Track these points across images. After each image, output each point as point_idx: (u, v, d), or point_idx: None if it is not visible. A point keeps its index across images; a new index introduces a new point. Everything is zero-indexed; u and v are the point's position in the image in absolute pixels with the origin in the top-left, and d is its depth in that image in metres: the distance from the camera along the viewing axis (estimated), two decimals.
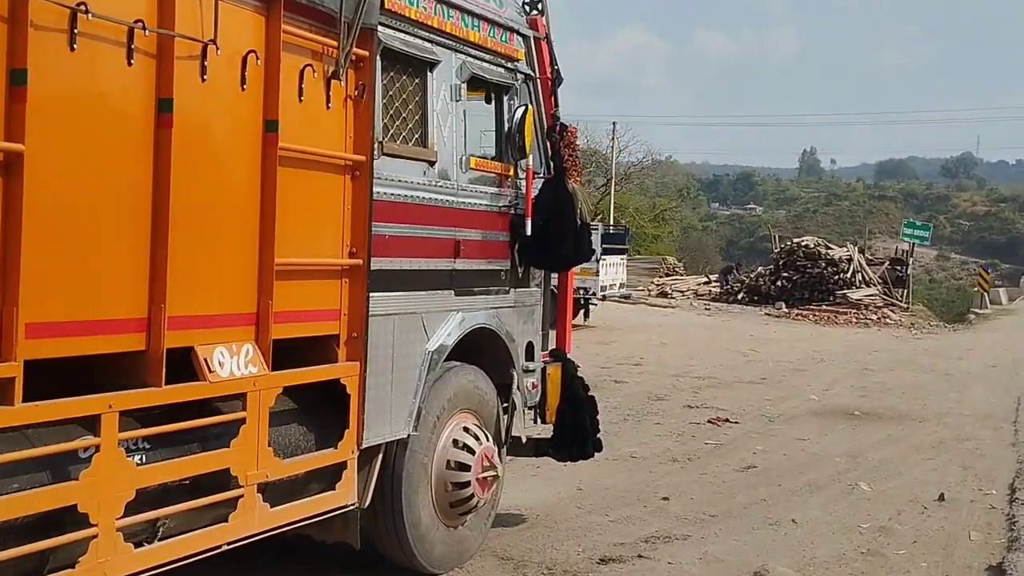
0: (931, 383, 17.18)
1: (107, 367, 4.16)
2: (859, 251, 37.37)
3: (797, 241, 37.84)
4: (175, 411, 4.39)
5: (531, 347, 7.00)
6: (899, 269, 37.09)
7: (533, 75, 6.92)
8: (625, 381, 15.82)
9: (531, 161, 6.71)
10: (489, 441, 6.40)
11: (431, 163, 5.91)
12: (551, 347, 7.42)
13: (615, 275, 26.58)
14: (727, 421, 12.48)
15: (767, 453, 10.70)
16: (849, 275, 34.47)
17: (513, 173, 6.69)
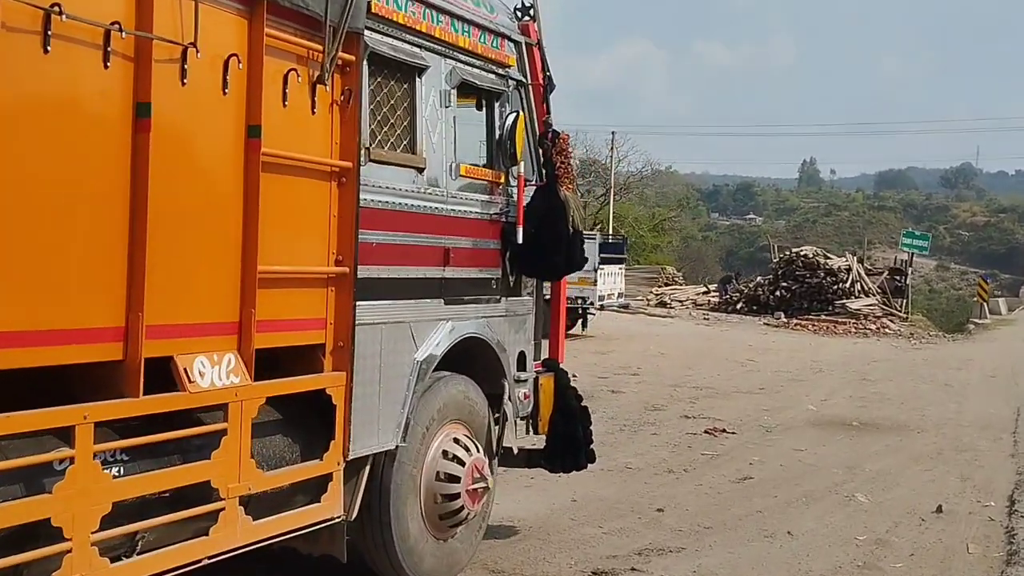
0: (930, 393, 17.10)
1: (84, 377, 4.07)
2: (858, 261, 37.35)
3: (796, 251, 37.77)
4: (156, 422, 4.30)
5: (523, 357, 6.91)
6: (898, 279, 37.08)
7: (525, 81, 6.85)
8: (622, 391, 15.75)
9: (522, 168, 6.64)
10: (480, 452, 6.31)
11: (420, 170, 5.83)
12: (544, 357, 7.34)
13: (613, 285, 26.54)
14: (724, 431, 12.40)
15: (764, 464, 10.61)
16: (848, 285, 34.44)
17: (504, 180, 6.61)
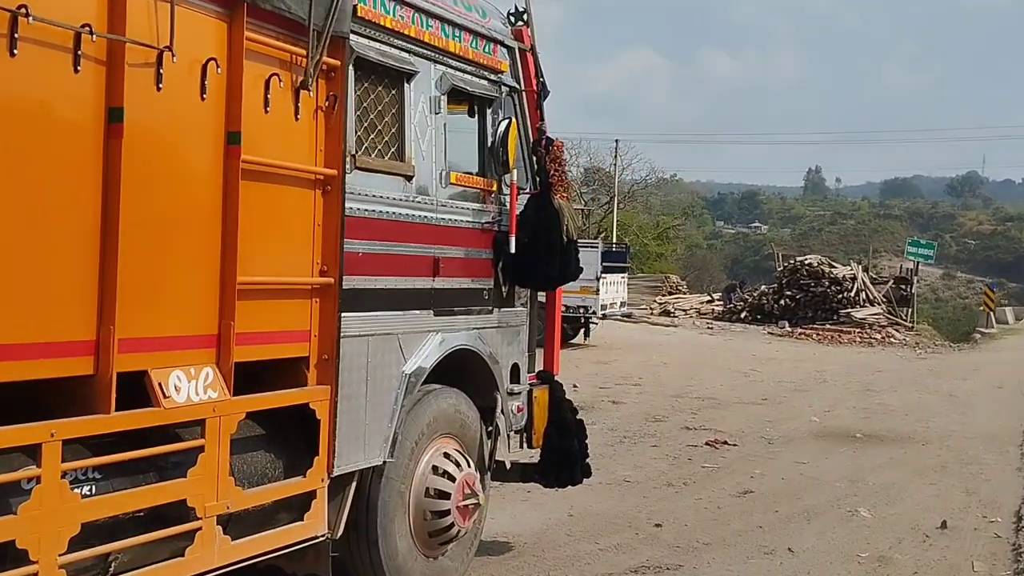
0: (935, 404, 16.89)
1: (53, 393, 3.92)
2: (863, 270, 37.15)
3: (800, 259, 37.58)
4: (131, 439, 4.15)
5: (516, 369, 6.76)
6: (903, 288, 36.84)
7: (518, 87, 6.72)
8: (623, 401, 15.57)
9: (515, 176, 6.52)
10: (471, 467, 6.15)
11: (408, 178, 5.69)
12: (538, 368, 7.19)
13: (616, 293, 26.35)
14: (725, 443, 12.22)
15: (765, 477, 10.43)
16: (853, 294, 34.25)
17: (496, 188, 6.48)
